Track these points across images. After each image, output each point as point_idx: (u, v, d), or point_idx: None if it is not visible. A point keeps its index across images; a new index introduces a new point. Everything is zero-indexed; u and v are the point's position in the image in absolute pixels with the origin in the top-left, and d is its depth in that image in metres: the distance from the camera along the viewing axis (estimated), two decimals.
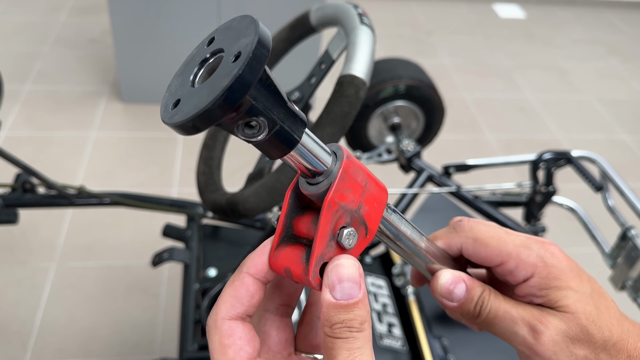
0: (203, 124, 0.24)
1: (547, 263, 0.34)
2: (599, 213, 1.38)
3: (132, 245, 1.82)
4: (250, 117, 0.25)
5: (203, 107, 0.23)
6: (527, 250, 0.34)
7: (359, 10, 0.67)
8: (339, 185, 0.28)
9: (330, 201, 0.28)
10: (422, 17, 3.59)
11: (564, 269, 0.34)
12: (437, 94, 1.44)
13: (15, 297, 1.62)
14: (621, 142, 2.61)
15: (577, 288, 0.33)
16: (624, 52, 3.43)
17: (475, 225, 0.36)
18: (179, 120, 0.24)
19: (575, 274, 0.34)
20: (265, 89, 0.25)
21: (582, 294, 0.33)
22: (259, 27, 0.24)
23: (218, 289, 1.04)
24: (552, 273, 0.34)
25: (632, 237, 1.16)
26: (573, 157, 1.28)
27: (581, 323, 0.33)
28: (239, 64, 0.23)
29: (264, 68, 0.24)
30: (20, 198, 1.18)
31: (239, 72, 0.23)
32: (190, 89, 0.25)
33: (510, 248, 0.34)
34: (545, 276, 0.34)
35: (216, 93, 0.23)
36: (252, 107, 0.24)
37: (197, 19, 2.25)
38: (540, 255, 0.34)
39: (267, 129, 0.25)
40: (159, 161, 2.18)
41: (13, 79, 2.53)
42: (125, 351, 1.51)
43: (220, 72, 0.24)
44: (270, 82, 0.25)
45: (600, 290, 0.35)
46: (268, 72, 0.25)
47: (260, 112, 0.25)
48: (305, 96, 0.73)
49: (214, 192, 0.73)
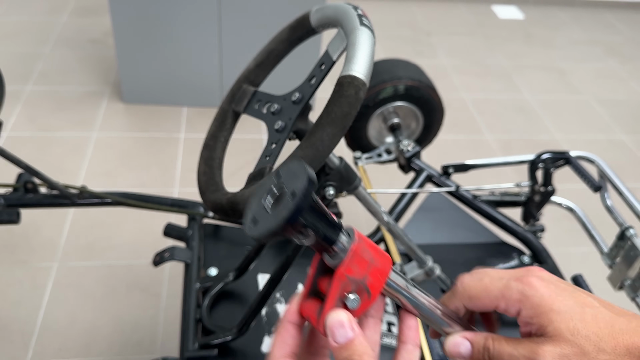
0: (271, 238, 0.35)
1: (527, 296, 0.39)
2: (597, 213, 1.38)
3: (134, 244, 1.83)
4: (301, 230, 0.35)
5: (271, 229, 0.34)
6: (509, 290, 0.39)
7: (358, 12, 0.68)
8: (347, 262, 0.37)
9: (339, 274, 0.37)
10: (421, 18, 3.60)
11: (542, 296, 0.38)
12: (437, 94, 1.45)
13: (16, 297, 1.63)
14: (620, 143, 2.61)
15: (559, 309, 0.37)
16: (622, 52, 3.44)
17: (467, 283, 0.42)
18: (257, 234, 0.35)
19: (556, 295, 0.38)
20: (312, 212, 0.35)
21: (564, 313, 0.37)
22: (309, 172, 0.34)
23: (219, 288, 1.05)
24: (534, 303, 0.38)
25: (631, 237, 1.16)
26: (571, 157, 1.29)
27: (569, 340, 0.37)
28: (295, 201, 0.33)
29: (310, 202, 0.34)
30: (21, 198, 1.18)
31: (294, 207, 0.33)
32: (265, 214, 0.36)
33: (496, 293, 0.40)
34: (530, 307, 0.38)
35: (279, 221, 0.33)
36: (303, 225, 0.35)
37: (198, 20, 2.25)
38: (519, 290, 0.39)
39: (314, 236, 0.36)
40: (160, 161, 2.19)
41: (15, 79, 2.54)
42: (126, 350, 1.52)
43: (283, 204, 0.34)
44: (316, 207, 0.35)
45: (584, 300, 0.38)
46: (315, 200, 0.35)
47: (308, 226, 0.35)
48: (306, 97, 0.73)
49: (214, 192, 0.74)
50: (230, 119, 0.82)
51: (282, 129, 0.72)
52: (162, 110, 2.48)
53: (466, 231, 1.33)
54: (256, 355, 0.97)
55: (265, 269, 1.11)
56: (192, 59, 2.37)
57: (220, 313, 1.03)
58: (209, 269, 1.10)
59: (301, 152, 0.61)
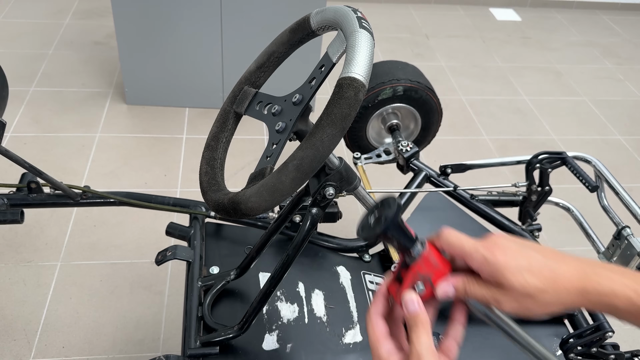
0: (371, 240, 0.59)
1: (488, 261, 0.52)
2: (593, 213, 1.40)
3: (136, 244, 1.84)
4: (389, 239, 0.54)
5: (370, 236, 0.54)
6: (477, 253, 0.53)
7: (358, 14, 0.68)
8: (418, 263, 0.55)
9: (412, 270, 0.55)
10: (420, 21, 3.62)
11: (499, 261, 0.52)
12: (435, 96, 1.47)
13: (20, 295, 1.64)
14: (616, 143, 2.63)
15: (511, 268, 0.51)
16: (619, 54, 3.46)
17: (449, 232, 0.56)
18: (362, 237, 0.55)
19: (510, 259, 0.52)
20: (395, 230, 0.53)
21: (515, 271, 0.51)
22: (398, 203, 0.54)
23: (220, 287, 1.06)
24: (493, 267, 0.52)
25: (627, 236, 1.17)
26: (568, 157, 1.30)
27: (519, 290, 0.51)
28: (385, 223, 0.52)
29: (396, 224, 0.53)
30: (25, 198, 1.19)
31: (383, 227, 0.52)
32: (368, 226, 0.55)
33: (466, 250, 0.54)
34: (489, 269, 0.52)
35: (375, 232, 0.53)
36: (390, 235, 0.54)
37: (200, 23, 2.27)
38: (483, 255, 0.52)
39: (397, 243, 0.54)
40: (162, 162, 2.21)
41: (18, 80, 2.56)
42: (129, 348, 1.53)
43: (378, 222, 0.53)
44: (400, 226, 0.54)
45: (532, 256, 0.52)
46: (400, 222, 0.54)
47: (393, 237, 0.54)
48: (306, 98, 0.74)
49: (216, 192, 0.74)
50: (232, 120, 0.83)
51: (282, 130, 0.74)
52: (165, 111, 2.50)
53: (464, 230, 1.34)
54: (257, 353, 0.98)
55: (267, 268, 1.13)
56: (194, 61, 2.39)
57: (221, 311, 1.04)
58: (211, 268, 1.11)
59: (301, 153, 0.62)
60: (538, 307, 0.51)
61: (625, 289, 0.49)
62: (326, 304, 1.08)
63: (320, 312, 1.06)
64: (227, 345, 0.97)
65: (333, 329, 1.04)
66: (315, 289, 1.10)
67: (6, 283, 1.68)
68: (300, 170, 0.62)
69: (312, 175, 0.64)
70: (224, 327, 0.97)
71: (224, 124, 0.83)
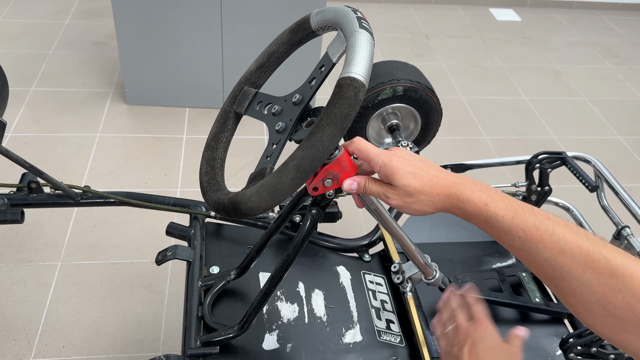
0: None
1: (386, 164, 0.65)
2: (593, 213, 1.40)
3: (136, 243, 1.85)
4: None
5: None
6: (379, 158, 0.66)
7: (358, 14, 0.69)
8: (330, 165, 0.69)
9: (325, 169, 0.69)
10: (420, 21, 3.62)
11: (393, 166, 0.65)
12: (435, 96, 1.47)
13: (21, 295, 1.65)
14: (615, 143, 2.63)
15: (401, 173, 0.64)
16: (618, 54, 3.46)
17: (360, 140, 0.69)
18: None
19: (401, 165, 0.65)
20: None
21: (403, 175, 0.64)
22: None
23: (220, 286, 1.06)
24: (388, 170, 0.65)
25: (627, 236, 1.18)
26: (568, 157, 1.30)
27: (404, 189, 0.65)
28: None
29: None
30: (26, 198, 1.19)
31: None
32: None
33: (371, 156, 0.67)
34: (385, 171, 0.66)
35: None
36: None
37: (200, 23, 2.27)
38: (383, 160, 0.66)
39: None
40: (162, 161, 2.21)
41: (19, 80, 2.56)
42: (129, 348, 1.53)
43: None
44: None
45: (419, 167, 0.65)
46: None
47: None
48: (306, 98, 0.75)
49: (216, 192, 0.74)
50: (232, 120, 0.84)
51: (282, 130, 0.74)
52: (165, 111, 2.50)
53: (463, 230, 1.35)
54: (257, 353, 0.98)
55: (267, 268, 1.13)
56: (194, 61, 2.39)
57: (222, 311, 1.04)
58: (211, 268, 1.11)
59: (301, 153, 0.62)
60: (416, 204, 0.65)
61: (478, 200, 0.63)
62: (326, 304, 1.08)
63: (320, 312, 1.06)
64: (227, 345, 0.98)
65: (333, 328, 1.04)
66: (315, 289, 1.10)
67: (6, 283, 1.68)
68: (300, 170, 0.62)
69: (312, 175, 0.65)
70: (224, 327, 0.97)
71: (224, 124, 0.83)
